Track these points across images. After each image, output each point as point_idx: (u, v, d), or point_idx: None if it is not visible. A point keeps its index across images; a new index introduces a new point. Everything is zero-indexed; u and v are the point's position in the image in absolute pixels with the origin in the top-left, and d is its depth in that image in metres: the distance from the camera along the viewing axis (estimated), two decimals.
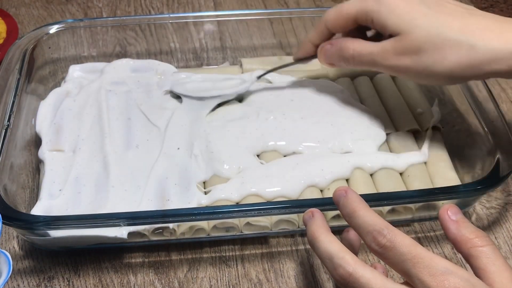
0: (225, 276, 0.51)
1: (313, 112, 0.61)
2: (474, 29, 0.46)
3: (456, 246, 0.38)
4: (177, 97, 0.63)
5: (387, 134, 0.59)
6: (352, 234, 0.43)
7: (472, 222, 0.56)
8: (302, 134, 0.59)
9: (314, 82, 0.65)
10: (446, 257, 0.52)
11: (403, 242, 0.37)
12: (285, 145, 0.58)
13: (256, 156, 0.57)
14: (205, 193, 0.53)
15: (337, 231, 0.54)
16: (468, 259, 0.38)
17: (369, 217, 0.39)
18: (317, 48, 0.57)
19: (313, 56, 0.58)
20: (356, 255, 0.39)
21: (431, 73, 0.49)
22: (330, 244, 0.39)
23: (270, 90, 0.63)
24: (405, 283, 0.37)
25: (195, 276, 0.51)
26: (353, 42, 0.53)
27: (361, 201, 0.40)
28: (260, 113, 0.60)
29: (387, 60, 0.50)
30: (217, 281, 0.51)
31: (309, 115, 0.60)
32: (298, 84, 0.64)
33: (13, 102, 0.56)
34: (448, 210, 0.39)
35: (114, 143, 0.57)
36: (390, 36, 0.50)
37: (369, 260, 0.52)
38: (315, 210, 0.43)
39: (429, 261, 0.35)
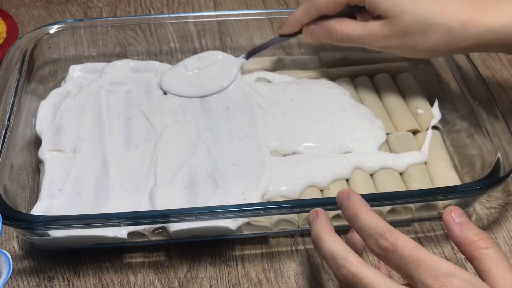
0: (225, 276, 0.51)
1: (313, 112, 0.61)
2: (451, 12, 0.52)
3: (460, 248, 0.38)
4: (177, 97, 0.63)
5: (387, 134, 0.60)
6: (356, 236, 0.43)
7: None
8: (302, 134, 0.59)
9: (314, 82, 0.65)
10: (446, 257, 0.52)
11: (405, 245, 0.37)
12: (285, 145, 0.58)
13: None
14: None
15: (336, 232, 0.54)
16: (472, 261, 0.38)
17: (371, 220, 0.39)
18: (302, 26, 0.60)
19: (298, 33, 0.61)
20: (361, 256, 0.39)
21: (415, 51, 0.56)
22: (334, 244, 0.39)
23: (269, 90, 0.63)
24: (407, 284, 0.37)
25: (195, 276, 0.51)
26: (340, 24, 0.57)
27: (363, 204, 0.40)
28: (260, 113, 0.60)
29: (375, 42, 0.56)
30: (217, 281, 0.51)
31: (309, 115, 0.60)
32: (298, 84, 0.64)
33: (13, 102, 0.56)
34: (452, 212, 0.39)
35: (114, 143, 0.57)
36: (378, 17, 0.55)
37: (369, 260, 0.52)
38: (319, 210, 0.43)
39: (431, 264, 0.35)
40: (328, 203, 0.48)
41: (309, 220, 0.43)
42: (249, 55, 0.64)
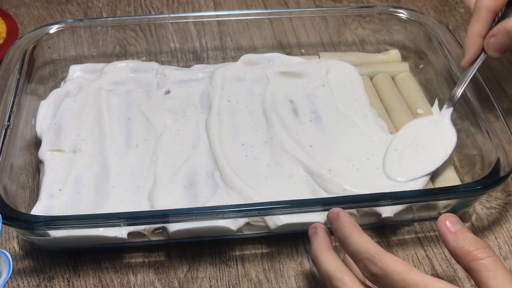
0: (225, 276, 0.51)
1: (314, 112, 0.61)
2: None
3: (456, 259, 0.37)
4: (177, 98, 0.63)
5: None
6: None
7: (472, 222, 0.56)
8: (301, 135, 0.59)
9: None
10: (447, 258, 0.52)
11: (395, 269, 0.36)
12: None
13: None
14: None
15: None
16: (469, 273, 0.37)
17: (361, 243, 0.38)
18: (483, 40, 0.53)
19: (481, 53, 0.55)
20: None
21: None
22: (329, 264, 0.39)
23: (280, 88, 0.63)
24: None
25: (195, 276, 0.51)
26: None
27: (353, 225, 0.40)
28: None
29: None
30: (217, 281, 0.51)
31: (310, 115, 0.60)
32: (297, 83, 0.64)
33: (13, 102, 0.56)
34: (446, 221, 0.38)
35: (114, 143, 0.57)
36: None
37: None
38: (318, 226, 0.43)
39: (424, 287, 0.35)
40: (329, 203, 0.48)
41: (309, 236, 0.43)
42: (452, 102, 0.57)
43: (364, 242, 0.38)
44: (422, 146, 0.56)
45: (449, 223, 0.38)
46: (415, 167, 0.54)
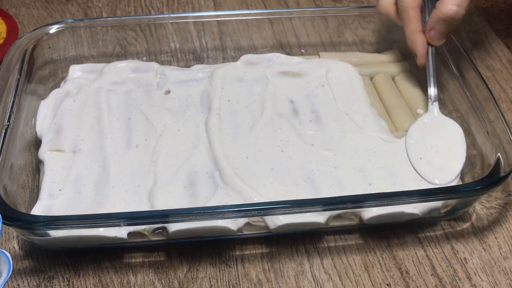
0: (225, 276, 0.51)
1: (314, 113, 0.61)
2: None
3: None
4: (177, 98, 0.63)
5: None
6: None
7: (472, 222, 0.56)
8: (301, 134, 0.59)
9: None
10: (446, 258, 0.52)
11: None
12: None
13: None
14: None
15: (337, 231, 0.54)
16: None
17: None
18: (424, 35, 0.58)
19: (428, 46, 0.59)
20: None
21: None
22: None
23: (280, 88, 0.63)
24: None
25: (195, 276, 0.51)
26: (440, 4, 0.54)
27: None
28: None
29: None
30: (217, 281, 0.51)
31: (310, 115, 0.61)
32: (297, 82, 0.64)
33: (13, 102, 0.56)
34: None
35: (114, 143, 0.57)
36: None
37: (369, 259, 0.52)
38: None
39: None
40: (329, 203, 0.48)
41: None
42: (433, 99, 0.59)
43: None
44: (438, 145, 0.56)
45: None
46: (448, 167, 0.54)
